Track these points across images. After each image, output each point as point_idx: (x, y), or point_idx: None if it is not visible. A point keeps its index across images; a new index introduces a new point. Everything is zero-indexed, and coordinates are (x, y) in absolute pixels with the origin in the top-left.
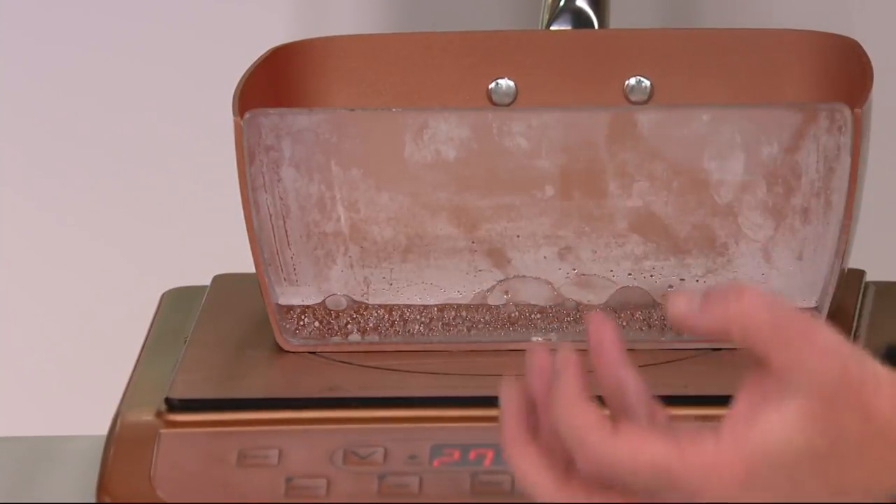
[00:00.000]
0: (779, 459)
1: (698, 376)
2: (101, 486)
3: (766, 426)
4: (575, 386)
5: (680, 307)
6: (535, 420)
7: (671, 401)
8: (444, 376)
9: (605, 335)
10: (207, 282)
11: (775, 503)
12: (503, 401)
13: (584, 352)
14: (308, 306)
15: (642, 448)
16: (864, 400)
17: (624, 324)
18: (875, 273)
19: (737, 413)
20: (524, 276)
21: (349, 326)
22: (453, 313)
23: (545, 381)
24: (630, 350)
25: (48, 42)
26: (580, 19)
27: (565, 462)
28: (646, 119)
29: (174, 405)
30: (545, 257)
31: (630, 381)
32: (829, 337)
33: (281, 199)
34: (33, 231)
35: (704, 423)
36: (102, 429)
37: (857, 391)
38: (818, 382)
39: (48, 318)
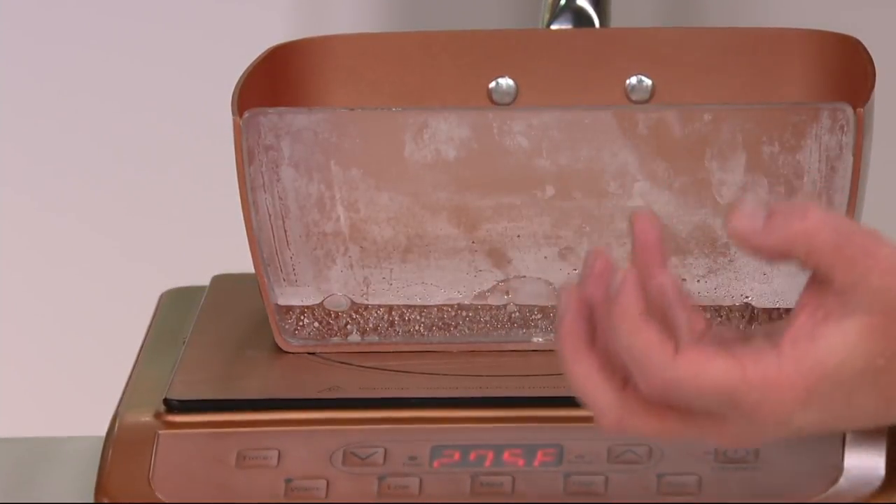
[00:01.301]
0: (838, 376)
1: None
2: (100, 487)
3: (828, 344)
4: (634, 304)
5: (742, 224)
6: (593, 327)
7: None
8: (444, 377)
9: (650, 236)
10: (206, 282)
11: (828, 418)
12: (561, 305)
13: None
14: (307, 307)
15: (706, 368)
16: None
17: None
18: None
19: (797, 329)
20: (524, 276)
21: (349, 327)
22: (453, 313)
23: (604, 286)
24: None
25: (48, 41)
26: (581, 18)
27: (623, 376)
28: (647, 118)
29: (173, 406)
30: (546, 257)
31: (671, 287)
32: (893, 255)
33: (280, 198)
34: (33, 231)
35: (753, 333)
36: (101, 429)
37: None
38: (880, 301)
39: (47, 318)
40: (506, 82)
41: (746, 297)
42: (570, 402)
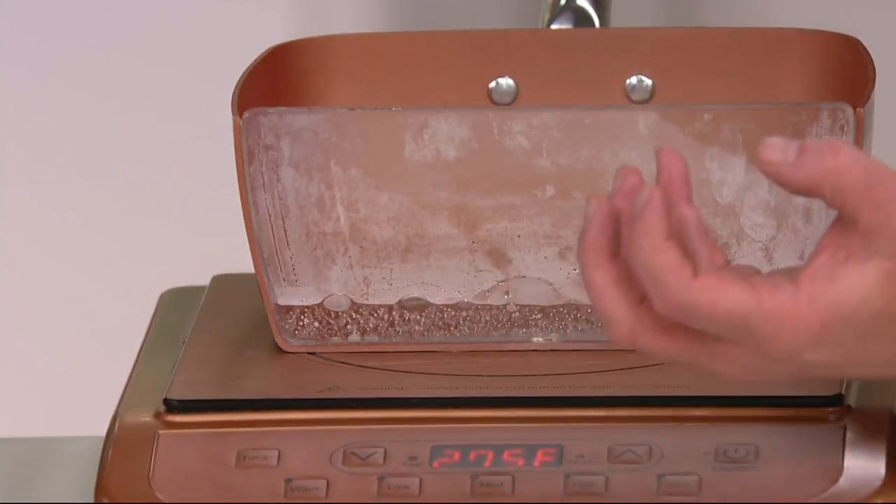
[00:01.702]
0: (853, 317)
1: (702, 375)
2: (100, 487)
3: (846, 284)
4: (658, 223)
5: (774, 155)
6: (617, 239)
7: (676, 402)
8: (444, 376)
9: (674, 170)
10: (206, 282)
11: (839, 360)
12: (588, 214)
13: (585, 352)
14: (307, 307)
15: (723, 294)
16: None
17: None
18: None
19: (817, 268)
20: (525, 276)
21: (349, 327)
22: (453, 313)
23: (633, 202)
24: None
25: (49, 41)
26: (581, 18)
27: (640, 292)
28: (647, 118)
29: (173, 406)
30: (546, 257)
31: (693, 220)
32: None
33: (280, 198)
34: (33, 230)
35: (776, 270)
36: (101, 429)
37: None
38: None
39: (47, 318)
40: (506, 82)
41: None
42: (570, 402)
